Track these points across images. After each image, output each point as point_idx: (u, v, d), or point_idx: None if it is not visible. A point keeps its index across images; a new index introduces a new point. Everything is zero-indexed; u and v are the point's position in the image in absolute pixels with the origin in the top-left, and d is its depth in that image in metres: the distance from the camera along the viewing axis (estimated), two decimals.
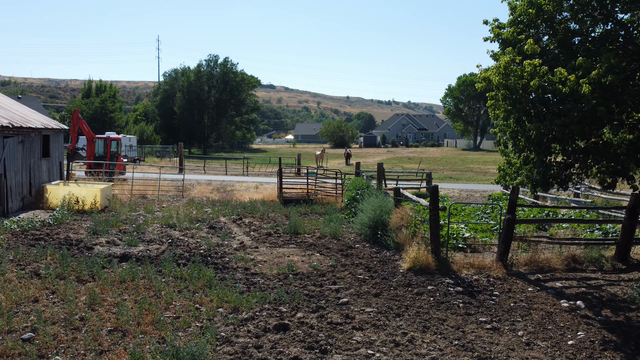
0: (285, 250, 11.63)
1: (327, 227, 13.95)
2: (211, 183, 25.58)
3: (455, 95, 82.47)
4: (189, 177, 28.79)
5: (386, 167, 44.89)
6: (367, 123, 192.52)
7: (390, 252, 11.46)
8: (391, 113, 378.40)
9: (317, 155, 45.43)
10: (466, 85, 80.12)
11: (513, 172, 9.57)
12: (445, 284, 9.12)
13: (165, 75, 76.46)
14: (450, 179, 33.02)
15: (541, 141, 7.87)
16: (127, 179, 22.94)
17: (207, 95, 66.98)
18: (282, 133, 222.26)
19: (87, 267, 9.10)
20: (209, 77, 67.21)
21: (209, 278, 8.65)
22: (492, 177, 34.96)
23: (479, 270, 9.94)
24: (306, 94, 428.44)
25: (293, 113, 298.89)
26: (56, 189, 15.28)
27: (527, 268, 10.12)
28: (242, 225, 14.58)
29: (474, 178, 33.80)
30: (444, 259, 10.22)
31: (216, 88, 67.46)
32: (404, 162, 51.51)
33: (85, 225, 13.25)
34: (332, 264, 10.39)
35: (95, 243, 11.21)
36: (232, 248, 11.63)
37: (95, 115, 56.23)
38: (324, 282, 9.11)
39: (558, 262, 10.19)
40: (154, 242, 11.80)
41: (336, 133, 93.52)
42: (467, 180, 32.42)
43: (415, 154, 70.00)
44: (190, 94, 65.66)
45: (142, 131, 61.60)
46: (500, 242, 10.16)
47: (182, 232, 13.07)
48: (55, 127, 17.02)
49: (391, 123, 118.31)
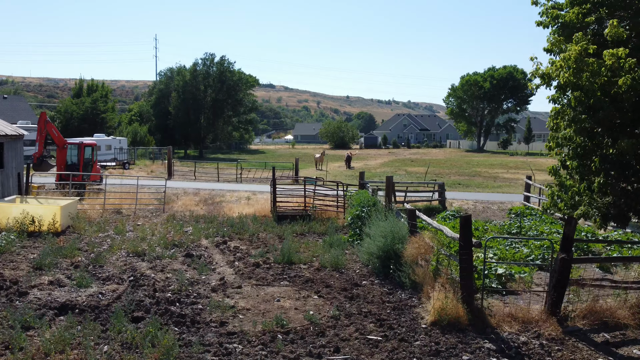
0: (276, 291, 9.34)
1: (327, 253, 11.67)
2: (199, 193, 23.26)
3: (458, 95, 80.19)
4: (177, 185, 26.50)
5: (389, 171, 42.59)
6: (367, 123, 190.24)
7: (406, 294, 9.18)
8: (391, 113, 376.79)
9: (316, 158, 43.16)
10: (470, 85, 77.86)
11: (570, 198, 7.27)
12: (486, 351, 6.83)
13: (161, 75, 74.22)
14: (459, 185, 30.73)
15: (629, 163, 5.60)
16: (102, 190, 20.61)
17: (203, 95, 64.58)
18: (281, 133, 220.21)
19: (3, 330, 6.80)
20: (205, 76, 64.81)
21: (168, 346, 6.36)
22: (502, 183, 32.69)
23: (524, 325, 7.65)
24: (306, 94, 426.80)
25: (293, 113, 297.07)
26: (8, 207, 12.92)
27: (586, 322, 7.82)
28: (226, 251, 12.28)
29: (484, 184, 31.49)
30: (478, 309, 7.93)
31: (212, 87, 65.08)
32: (407, 164, 49.27)
33: (33, 255, 10.95)
34: (333, 314, 8.10)
35: (33, 285, 8.87)
36: (209, 287, 9.34)
37: (86, 116, 53.81)
38: (322, 349, 6.81)
39: (626, 315, 7.88)
40: (112, 280, 9.51)
41: (336, 134, 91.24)
42: (478, 187, 30.12)
43: (417, 156, 67.75)
44: (186, 93, 63.27)
45: (136, 132, 59.26)
46: (551, 287, 7.86)
47: (150, 264, 10.76)
48: (11, 133, 14.72)
49: (392, 123, 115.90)
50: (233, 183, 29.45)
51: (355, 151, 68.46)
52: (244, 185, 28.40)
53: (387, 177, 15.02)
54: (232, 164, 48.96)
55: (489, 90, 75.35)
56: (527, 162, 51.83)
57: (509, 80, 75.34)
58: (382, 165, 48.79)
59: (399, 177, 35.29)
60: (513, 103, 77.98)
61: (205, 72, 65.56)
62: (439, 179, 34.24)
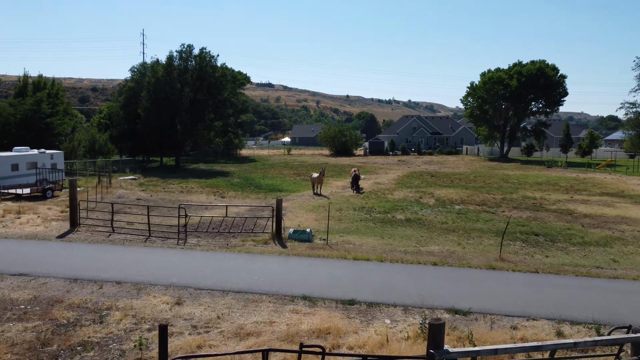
0: None
1: None
2: (63, 300, 12.08)
3: (479, 94, 69.43)
4: (43, 255, 15.85)
5: (412, 198, 30.85)
6: (368, 123, 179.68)
7: None
8: (392, 112, 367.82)
9: (313, 179, 32.58)
10: (493, 83, 67.12)
11: None
12: None
13: (133, 70, 63.37)
14: (535, 236, 20.03)
15: None
16: None
17: (180, 95, 53.86)
18: (279, 134, 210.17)
19: None
20: (182, 72, 54.04)
21: None
22: (596, 230, 21.65)
23: None
24: (305, 93, 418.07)
25: (291, 112, 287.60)
26: None
27: None
28: None
29: (574, 238, 20.81)
30: None
31: (191, 86, 54.40)
32: (428, 182, 38.63)
33: None
34: None
35: None
36: None
37: (25, 120, 42.95)
38: None
39: None
40: None
41: (337, 138, 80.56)
42: (572, 247, 19.44)
43: (433, 166, 57.11)
44: (158, 92, 52.47)
45: (93, 140, 48.57)
46: None
47: None
48: None
49: (400, 126, 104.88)
50: (168, 248, 18.34)
51: (360, 164, 57.89)
52: (182, 255, 17.64)
53: None
54: (205, 182, 38.20)
55: (516, 88, 64.64)
56: (583, 179, 41.12)
57: (540, 77, 64.56)
58: (398, 184, 38.08)
59: (431, 211, 24.52)
60: (543, 104, 67.20)
61: (182, 67, 54.84)
62: (489, 213, 23.03)
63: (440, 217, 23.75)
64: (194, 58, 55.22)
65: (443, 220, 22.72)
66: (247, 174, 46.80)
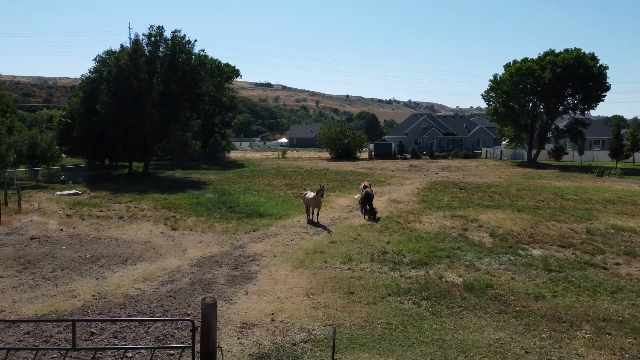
0: None
1: None
2: None
3: (503, 89, 59.57)
4: None
5: (444, 222, 20.05)
6: (370, 124, 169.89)
7: None
8: (393, 112, 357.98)
9: (307, 200, 22.65)
10: (521, 75, 57.27)
11: None
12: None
13: (96, 60, 53.45)
14: None
15: None
16: None
17: (147, 87, 43.97)
18: (277, 134, 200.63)
19: None
20: (150, 60, 44.16)
21: None
22: None
23: None
24: (304, 93, 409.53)
25: (290, 112, 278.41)
26: None
27: None
28: None
29: None
30: None
31: (161, 76, 44.54)
32: (456, 196, 28.70)
33: None
34: None
35: None
36: None
37: None
38: None
39: None
40: None
41: (338, 140, 70.76)
42: None
43: (454, 173, 47.25)
44: (120, 84, 42.60)
45: (34, 143, 38.73)
46: None
47: None
48: None
49: (408, 126, 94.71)
50: None
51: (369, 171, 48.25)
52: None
53: None
54: (165, 200, 27.29)
55: (550, 81, 54.76)
56: None
57: (578, 67, 54.70)
58: (422, 201, 28.10)
59: (498, 262, 14.14)
60: (580, 99, 57.29)
61: (152, 54, 44.97)
62: (596, 267, 13.60)
63: (521, 279, 13.88)
64: (164, 42, 45.35)
65: (531, 290, 12.88)
66: (227, 185, 36.96)
